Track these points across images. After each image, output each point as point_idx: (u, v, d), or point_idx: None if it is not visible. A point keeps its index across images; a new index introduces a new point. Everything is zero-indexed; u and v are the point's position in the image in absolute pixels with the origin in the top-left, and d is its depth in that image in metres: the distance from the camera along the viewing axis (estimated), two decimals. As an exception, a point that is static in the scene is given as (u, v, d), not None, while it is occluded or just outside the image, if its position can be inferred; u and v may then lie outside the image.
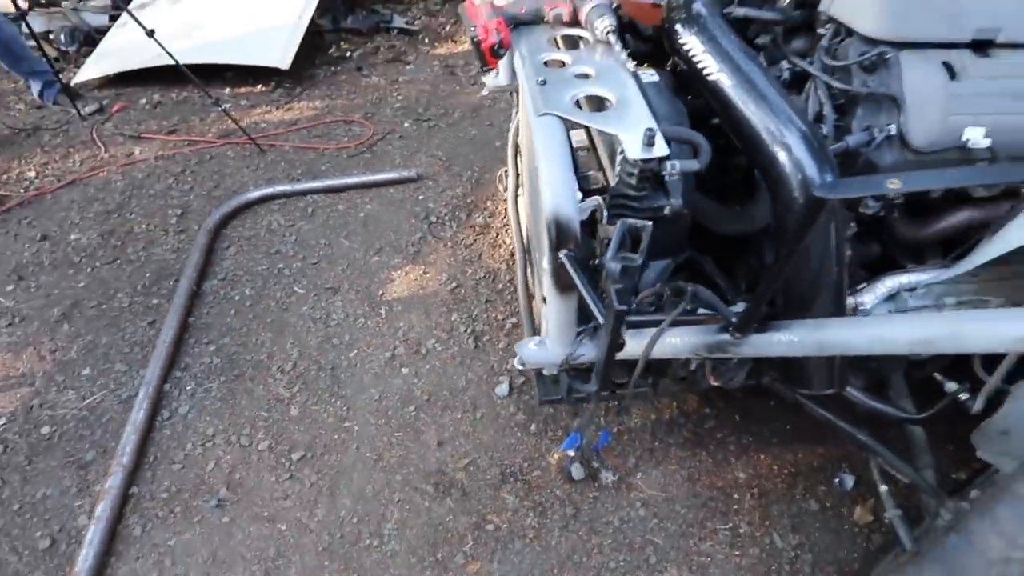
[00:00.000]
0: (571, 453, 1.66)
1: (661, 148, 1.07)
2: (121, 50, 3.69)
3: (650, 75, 1.43)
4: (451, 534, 1.64)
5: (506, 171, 2.46)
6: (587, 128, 1.52)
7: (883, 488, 1.54)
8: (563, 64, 1.34)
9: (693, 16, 1.35)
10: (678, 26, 1.36)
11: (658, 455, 1.81)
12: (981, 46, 1.23)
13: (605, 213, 1.19)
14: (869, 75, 1.25)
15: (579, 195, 1.18)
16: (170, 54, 2.82)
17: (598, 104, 1.25)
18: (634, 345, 1.20)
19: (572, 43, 1.45)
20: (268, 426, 1.90)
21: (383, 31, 4.45)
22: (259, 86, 3.72)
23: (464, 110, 3.55)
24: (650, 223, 1.07)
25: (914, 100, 1.20)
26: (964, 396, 1.31)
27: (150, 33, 2.67)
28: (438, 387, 2.01)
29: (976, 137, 1.18)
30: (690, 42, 1.32)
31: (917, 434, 1.55)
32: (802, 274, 1.19)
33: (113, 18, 4.05)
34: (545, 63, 1.35)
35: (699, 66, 1.29)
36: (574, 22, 1.45)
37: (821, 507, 1.71)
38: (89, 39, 4.03)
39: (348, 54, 4.15)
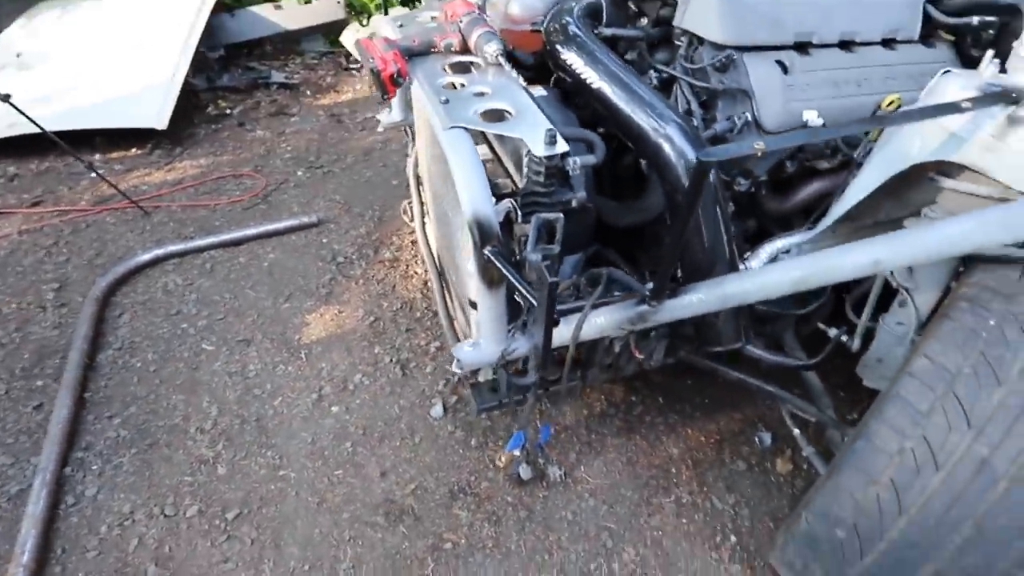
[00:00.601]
0: (517, 453, 1.70)
1: (562, 145, 1.19)
2: (-38, 123, 3.36)
3: (539, 90, 1.58)
4: (410, 560, 1.61)
5: (410, 203, 2.52)
6: (489, 143, 1.64)
7: (796, 431, 1.73)
8: (461, 85, 1.45)
9: (570, 36, 1.52)
10: (559, 46, 1.52)
11: (596, 446, 1.90)
12: (802, 47, 1.50)
13: (519, 213, 1.29)
14: (722, 74, 1.47)
15: (492, 199, 1.27)
16: (33, 120, 2.62)
17: (497, 117, 1.36)
18: (563, 331, 1.29)
19: (464, 68, 1.56)
20: (194, 490, 1.77)
21: (262, 87, 4.41)
22: (133, 149, 3.53)
23: (356, 154, 3.59)
24: (562, 215, 1.18)
25: (760, 92, 1.43)
26: (844, 339, 1.53)
27: (5, 98, 2.47)
28: (372, 419, 1.98)
29: (812, 117, 1.43)
30: (571, 58, 1.48)
31: (813, 380, 1.76)
32: (700, 249, 1.36)
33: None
34: (443, 86, 1.45)
35: (582, 78, 1.45)
36: (464, 50, 1.57)
37: (748, 466, 1.87)
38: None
39: (228, 111, 4.06)
